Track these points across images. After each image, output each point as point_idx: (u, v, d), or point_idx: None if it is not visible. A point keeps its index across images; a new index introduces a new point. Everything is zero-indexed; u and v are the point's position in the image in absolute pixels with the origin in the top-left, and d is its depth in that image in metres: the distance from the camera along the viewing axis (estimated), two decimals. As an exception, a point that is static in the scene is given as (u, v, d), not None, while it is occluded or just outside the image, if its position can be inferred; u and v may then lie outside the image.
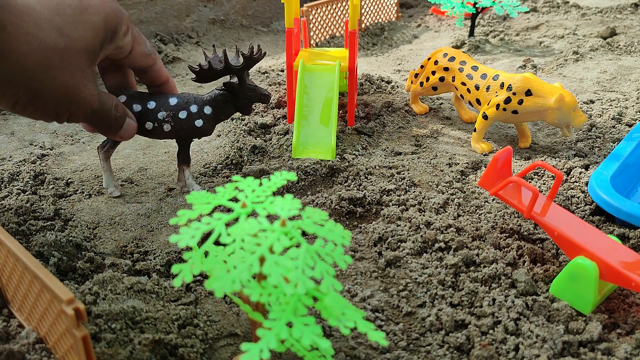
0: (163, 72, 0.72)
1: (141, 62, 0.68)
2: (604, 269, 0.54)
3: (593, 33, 1.51)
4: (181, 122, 0.71)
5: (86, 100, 0.59)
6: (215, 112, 0.72)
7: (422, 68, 1.01)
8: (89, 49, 0.58)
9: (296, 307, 0.38)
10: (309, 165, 0.81)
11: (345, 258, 0.39)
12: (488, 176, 0.66)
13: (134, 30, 0.65)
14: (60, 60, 0.55)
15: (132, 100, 0.70)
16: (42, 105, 0.56)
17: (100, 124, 0.65)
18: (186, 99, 0.71)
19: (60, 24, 0.55)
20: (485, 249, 0.65)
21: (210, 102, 0.72)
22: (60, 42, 0.55)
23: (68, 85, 0.57)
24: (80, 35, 0.57)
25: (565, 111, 0.82)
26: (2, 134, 0.96)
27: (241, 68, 0.70)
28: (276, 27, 1.72)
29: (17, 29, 0.51)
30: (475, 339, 0.52)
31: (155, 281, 0.58)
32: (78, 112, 0.60)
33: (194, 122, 0.71)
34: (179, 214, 0.41)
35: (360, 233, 0.70)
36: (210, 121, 0.72)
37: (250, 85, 0.72)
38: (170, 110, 0.70)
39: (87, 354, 0.41)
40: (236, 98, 0.72)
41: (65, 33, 0.55)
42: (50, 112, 0.58)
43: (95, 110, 0.61)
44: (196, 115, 0.71)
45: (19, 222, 0.68)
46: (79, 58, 0.57)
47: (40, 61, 0.54)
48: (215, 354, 0.51)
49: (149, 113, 0.70)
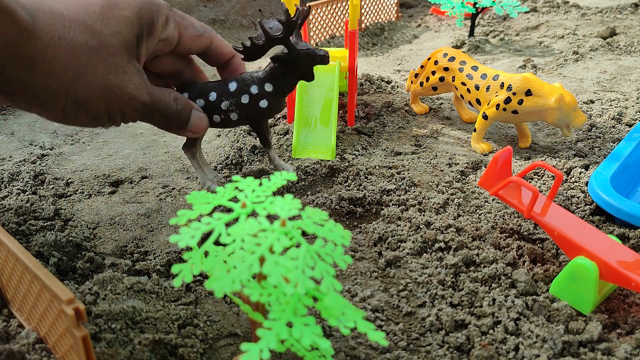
0: (225, 48, 0.67)
1: (195, 45, 0.64)
2: (604, 269, 0.54)
3: (593, 33, 1.51)
4: (246, 107, 0.67)
5: (134, 95, 0.57)
6: (277, 87, 0.67)
7: (422, 68, 1.01)
8: (126, 44, 0.56)
9: (296, 307, 0.38)
10: (309, 165, 0.81)
11: (345, 258, 0.39)
12: (488, 176, 0.66)
13: (176, 16, 0.61)
14: (95, 60, 0.53)
15: (193, 96, 0.67)
16: (92, 108, 0.55)
17: (161, 119, 0.62)
18: (245, 80, 0.67)
19: (89, 23, 0.53)
20: (485, 249, 0.65)
21: (269, 79, 0.67)
22: (91, 42, 0.53)
23: (110, 83, 0.55)
24: (113, 32, 0.55)
25: (565, 111, 0.82)
26: (2, 134, 0.96)
27: (284, 36, 0.64)
28: (276, 27, 1.72)
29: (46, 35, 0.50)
30: (475, 339, 0.52)
31: (155, 281, 0.58)
32: (130, 110, 0.57)
33: (259, 104, 0.67)
34: (179, 214, 0.41)
35: (360, 233, 0.70)
36: (275, 98, 0.68)
37: (302, 50, 0.65)
38: (232, 97, 0.67)
39: (87, 354, 0.41)
40: (291, 67, 0.66)
41: (96, 31, 0.54)
42: (102, 114, 0.56)
43: (147, 104, 0.58)
44: (258, 96, 0.67)
45: (19, 222, 0.68)
46: (115, 55, 0.55)
47: (74, 64, 0.52)
48: (215, 354, 0.51)
49: (213, 105, 0.67)
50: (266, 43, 0.64)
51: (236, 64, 0.70)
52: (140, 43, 0.57)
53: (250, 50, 0.65)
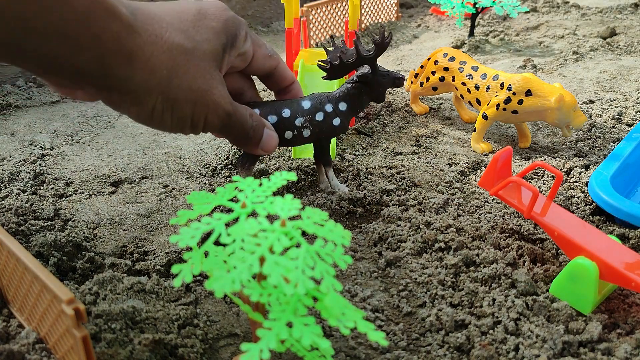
0: (288, 72, 0.70)
1: (265, 65, 0.66)
2: (604, 269, 0.54)
3: (593, 33, 1.51)
4: (320, 125, 0.68)
5: (218, 102, 0.58)
6: (351, 106, 0.70)
7: (422, 68, 1.01)
8: (213, 52, 0.57)
9: (296, 307, 0.38)
10: (309, 165, 0.81)
11: (345, 258, 0.39)
12: (488, 176, 0.66)
13: (252, 34, 0.64)
14: (188, 62, 0.55)
15: (265, 112, 0.67)
16: (179, 110, 0.56)
17: (237, 133, 0.63)
18: (319, 99, 0.69)
19: (183, 28, 0.55)
20: (485, 249, 0.65)
21: (345, 98, 0.69)
22: (186, 44, 0.54)
23: (199, 86, 0.56)
24: (204, 39, 0.56)
25: (565, 111, 0.82)
26: (2, 134, 0.96)
27: (373, 57, 0.66)
28: (276, 27, 1.72)
29: (145, 32, 0.51)
30: (475, 339, 0.52)
31: (155, 281, 0.58)
32: (213, 117, 0.58)
33: (332, 122, 0.69)
34: (179, 214, 0.41)
35: (360, 233, 0.70)
36: (347, 117, 0.70)
37: (383, 71, 0.69)
38: (307, 114, 0.68)
39: (87, 354, 0.41)
40: (370, 88, 0.69)
41: (190, 35, 0.55)
42: (187, 118, 0.57)
43: (229, 113, 0.59)
44: (333, 114, 0.69)
45: (19, 222, 0.68)
46: (205, 61, 0.56)
47: (169, 62, 0.53)
48: (215, 354, 0.51)
49: (286, 122, 0.67)
50: (356, 62, 0.67)
51: (296, 90, 0.71)
52: (224, 54, 0.59)
53: (337, 68, 0.68)
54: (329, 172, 0.74)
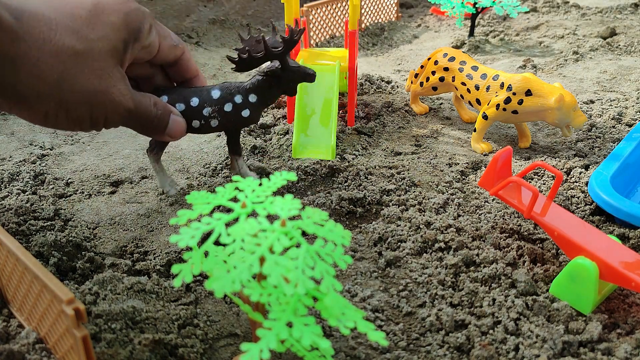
0: (192, 63, 0.70)
1: (170, 55, 0.66)
2: (604, 269, 0.54)
3: (593, 33, 1.51)
4: (228, 115, 0.69)
5: (118, 101, 0.58)
6: (261, 98, 0.70)
7: (422, 68, 1.01)
8: (112, 49, 0.56)
9: (296, 307, 0.38)
10: (309, 165, 0.81)
11: (345, 258, 0.39)
12: (488, 176, 0.66)
13: (157, 25, 0.63)
14: (80, 64, 0.54)
15: (173, 99, 0.68)
16: (75, 111, 0.55)
17: (141, 124, 0.63)
18: (229, 89, 0.69)
19: (76, 28, 0.54)
20: (485, 249, 0.65)
21: (255, 89, 0.69)
22: (77, 45, 0.53)
23: (96, 88, 0.55)
24: (99, 37, 0.55)
25: (565, 111, 0.82)
26: (2, 134, 0.96)
27: (282, 52, 0.67)
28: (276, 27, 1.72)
29: (31, 36, 0.50)
30: (475, 339, 0.52)
31: (155, 281, 0.58)
32: (113, 115, 0.58)
33: (241, 113, 0.69)
34: (179, 214, 0.41)
35: (360, 233, 0.70)
36: (257, 109, 0.70)
37: (294, 66, 0.69)
38: (215, 104, 0.68)
39: (87, 354, 0.41)
40: (280, 82, 0.69)
41: (82, 36, 0.54)
42: (85, 118, 0.56)
43: (130, 109, 0.59)
44: (242, 105, 0.69)
45: (19, 222, 0.68)
46: (102, 60, 0.55)
47: (59, 66, 0.52)
48: (215, 354, 0.51)
49: (194, 111, 0.68)
50: (264, 56, 0.67)
51: (200, 82, 0.72)
52: (126, 49, 0.58)
53: (245, 62, 0.67)
54: (238, 160, 0.75)
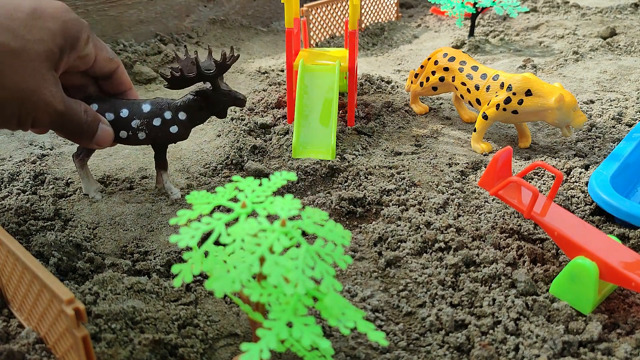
0: (126, 77, 0.71)
1: (105, 67, 0.67)
2: (604, 269, 0.54)
3: (593, 33, 1.51)
4: (156, 130, 0.70)
5: (49, 102, 0.58)
6: (190, 117, 0.71)
7: (422, 68, 1.01)
8: (47, 52, 0.57)
9: (296, 307, 0.38)
10: (309, 165, 0.81)
11: (345, 258, 0.39)
12: (488, 176, 0.66)
13: (94, 37, 0.65)
14: (14, 62, 0.54)
15: (103, 108, 0.68)
16: (3, 109, 0.55)
17: (70, 129, 0.63)
18: (159, 105, 0.70)
19: (12, 27, 0.55)
20: (485, 249, 0.65)
21: (184, 108, 0.70)
22: (12, 43, 0.54)
23: (27, 86, 0.56)
24: (36, 39, 0.56)
25: (565, 111, 0.82)
26: (2, 134, 0.96)
27: (213, 75, 0.68)
28: (276, 27, 1.72)
29: None
30: (475, 339, 0.52)
31: (155, 281, 0.58)
32: (42, 116, 0.59)
33: (169, 129, 0.70)
34: (179, 214, 0.41)
35: (360, 233, 0.70)
36: (185, 126, 0.71)
37: (225, 90, 0.70)
38: (144, 117, 0.69)
39: (87, 354, 0.41)
40: (210, 103, 0.71)
41: (19, 35, 0.55)
42: (12, 116, 0.57)
43: (60, 113, 0.60)
44: (171, 121, 0.70)
45: (19, 222, 0.68)
46: (36, 61, 0.56)
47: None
48: (215, 354, 0.51)
49: (123, 121, 0.69)
50: (196, 77, 0.68)
51: (133, 96, 0.73)
52: (62, 55, 0.59)
53: (177, 80, 0.69)
54: (163, 174, 0.75)
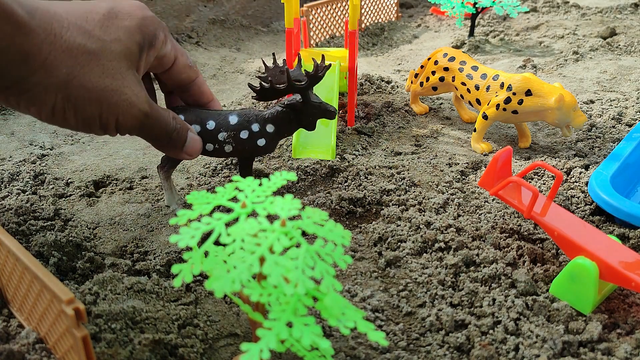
0: (206, 88, 0.68)
1: (185, 75, 0.64)
2: (604, 269, 0.54)
3: (593, 33, 1.51)
4: (243, 142, 0.66)
5: (132, 102, 0.56)
6: (278, 129, 0.68)
7: (422, 68, 1.01)
8: (126, 52, 0.56)
9: (296, 307, 0.38)
10: (309, 165, 0.81)
11: (345, 258, 0.39)
12: (488, 176, 0.66)
13: (173, 40, 0.62)
14: (92, 62, 0.53)
15: (189, 119, 0.66)
16: (83, 109, 0.54)
17: (158, 135, 0.60)
18: (247, 116, 0.67)
19: (88, 29, 0.54)
20: (485, 249, 0.65)
21: (273, 120, 0.67)
22: (90, 45, 0.53)
23: (108, 86, 0.54)
24: (113, 38, 0.55)
25: (565, 111, 0.82)
26: (2, 134, 0.96)
27: (305, 87, 0.66)
28: (276, 27, 1.72)
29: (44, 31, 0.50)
30: (475, 339, 0.52)
31: (155, 281, 0.58)
32: (125, 117, 0.56)
33: (257, 142, 0.67)
34: (179, 214, 0.41)
35: (360, 233, 0.70)
36: (273, 139, 0.68)
37: (315, 102, 0.67)
38: (231, 130, 0.66)
39: (87, 354, 0.41)
40: (300, 115, 0.68)
41: (95, 36, 0.54)
42: (94, 118, 0.55)
43: (145, 113, 0.57)
44: (258, 134, 0.67)
45: (19, 222, 0.68)
46: (115, 60, 0.55)
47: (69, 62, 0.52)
48: (215, 354, 0.52)
49: (209, 134, 0.66)
50: (286, 89, 0.65)
51: (216, 107, 0.70)
52: (141, 53, 0.57)
53: (266, 92, 0.66)
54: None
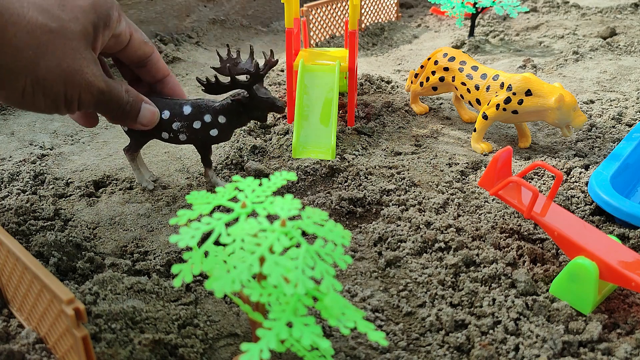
0: (162, 63, 0.70)
1: (141, 51, 0.66)
2: (604, 269, 0.54)
3: (593, 33, 1.51)
4: (196, 132, 0.70)
5: (91, 81, 0.58)
6: (230, 121, 0.71)
7: (422, 68, 1.01)
8: (84, 31, 0.57)
9: (296, 307, 0.38)
10: (309, 165, 0.81)
11: (345, 258, 0.39)
12: (488, 176, 0.66)
13: (126, 18, 0.64)
14: (55, 42, 0.54)
15: None
16: (50, 89, 0.55)
17: (113, 109, 0.63)
18: (200, 107, 0.70)
19: (46, 7, 0.54)
20: (485, 249, 0.65)
21: (224, 111, 0.70)
22: (50, 23, 0.54)
23: (70, 66, 0.56)
24: (70, 18, 0.56)
25: (565, 111, 0.82)
26: (2, 134, 0.96)
27: (249, 84, 0.68)
28: (276, 27, 1.72)
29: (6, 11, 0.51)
30: (475, 339, 0.52)
31: (155, 281, 0.58)
32: (86, 95, 0.58)
33: (209, 132, 0.71)
34: (179, 214, 0.41)
35: (360, 233, 0.70)
36: (225, 129, 0.71)
37: (262, 97, 0.70)
38: (185, 120, 0.69)
39: (87, 354, 0.41)
40: (248, 109, 0.70)
41: (54, 15, 0.55)
42: (60, 98, 0.57)
43: (102, 91, 0.60)
44: (210, 125, 0.70)
45: (19, 222, 0.68)
46: (74, 40, 0.56)
47: (34, 42, 0.53)
48: (215, 354, 0.51)
49: (164, 123, 0.69)
50: (230, 85, 0.68)
51: (173, 83, 0.72)
52: (97, 33, 0.59)
53: (213, 87, 0.69)
54: (208, 171, 0.76)
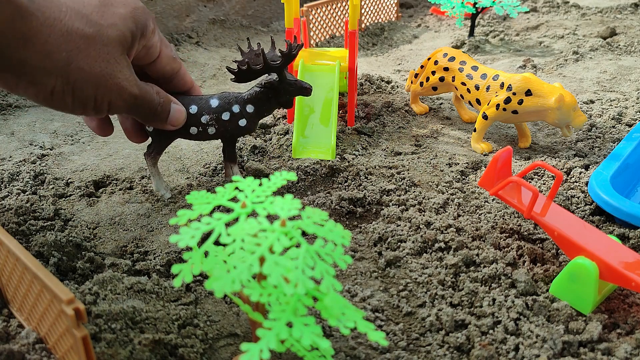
0: (188, 77, 0.71)
1: (169, 66, 0.67)
2: (604, 269, 0.54)
3: (593, 33, 1.51)
4: (225, 124, 0.70)
5: (124, 86, 0.59)
6: (258, 109, 0.72)
7: (422, 68, 1.01)
8: (120, 37, 0.58)
9: (296, 307, 0.38)
10: (309, 165, 0.81)
11: (345, 258, 0.39)
12: (488, 176, 0.66)
13: (160, 32, 0.65)
14: (90, 47, 0.55)
15: None
16: (80, 91, 0.56)
17: (144, 112, 0.64)
18: (227, 99, 0.71)
19: (85, 14, 0.56)
20: (485, 249, 0.65)
21: (252, 100, 0.71)
22: (87, 29, 0.55)
23: (103, 70, 0.57)
24: (109, 24, 0.57)
25: (565, 111, 0.82)
26: (2, 134, 0.96)
27: (280, 66, 0.69)
28: (276, 27, 1.72)
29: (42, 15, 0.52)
30: (475, 339, 0.52)
31: (155, 281, 0.58)
32: (118, 100, 0.59)
33: (238, 122, 0.71)
34: (179, 214, 0.41)
35: (360, 233, 0.70)
36: (253, 119, 0.72)
37: (291, 80, 0.71)
38: (213, 112, 0.70)
39: (87, 354, 0.41)
40: (277, 94, 0.71)
41: (92, 21, 0.56)
42: (90, 100, 0.57)
43: (135, 96, 0.61)
44: (239, 115, 0.71)
45: (19, 222, 0.68)
46: (109, 46, 0.57)
47: (68, 46, 0.54)
48: (215, 354, 0.52)
49: (192, 118, 0.70)
50: (263, 69, 0.69)
51: (196, 93, 0.73)
52: (133, 41, 0.60)
53: (244, 73, 0.69)
54: (234, 167, 0.76)
